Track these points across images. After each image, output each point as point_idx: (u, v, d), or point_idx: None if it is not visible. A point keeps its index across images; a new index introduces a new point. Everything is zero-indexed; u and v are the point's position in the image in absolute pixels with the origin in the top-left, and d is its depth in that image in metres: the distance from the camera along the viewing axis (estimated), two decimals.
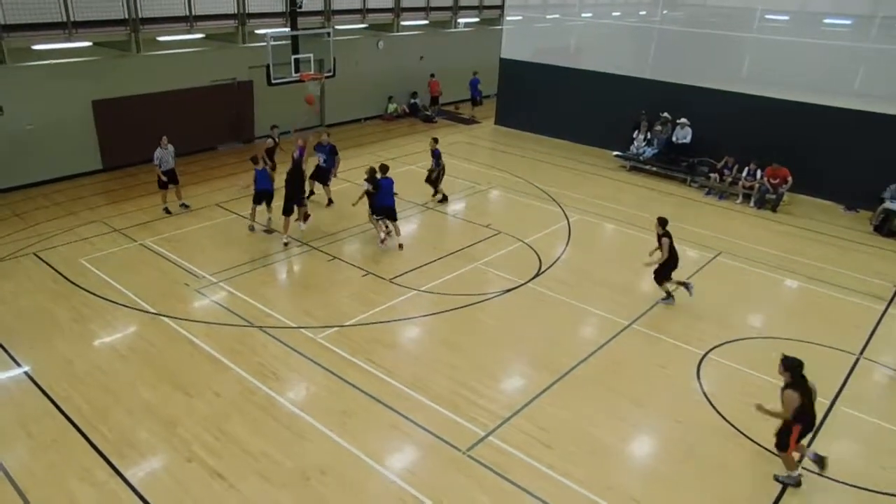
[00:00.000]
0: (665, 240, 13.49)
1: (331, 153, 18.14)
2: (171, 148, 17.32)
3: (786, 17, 23.23)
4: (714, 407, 10.87)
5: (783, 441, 9.10)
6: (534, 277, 15.00)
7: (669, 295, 14.05)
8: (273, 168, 18.22)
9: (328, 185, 18.54)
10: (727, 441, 10.14)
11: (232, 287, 14.07)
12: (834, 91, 20.74)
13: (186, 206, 18.24)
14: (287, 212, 16.04)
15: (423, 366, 11.66)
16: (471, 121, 30.27)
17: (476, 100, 31.42)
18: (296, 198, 16.16)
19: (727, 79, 22.46)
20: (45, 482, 8.82)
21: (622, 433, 10.28)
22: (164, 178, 17.36)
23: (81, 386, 10.80)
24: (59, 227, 16.76)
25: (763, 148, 20.42)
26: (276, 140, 19.04)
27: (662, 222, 13.61)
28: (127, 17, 19.18)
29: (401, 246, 16.04)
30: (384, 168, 15.90)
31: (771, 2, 22.84)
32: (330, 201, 18.65)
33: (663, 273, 13.84)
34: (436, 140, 18.99)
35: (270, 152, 18.65)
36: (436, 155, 18.83)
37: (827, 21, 23.17)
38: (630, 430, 10.40)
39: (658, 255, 13.65)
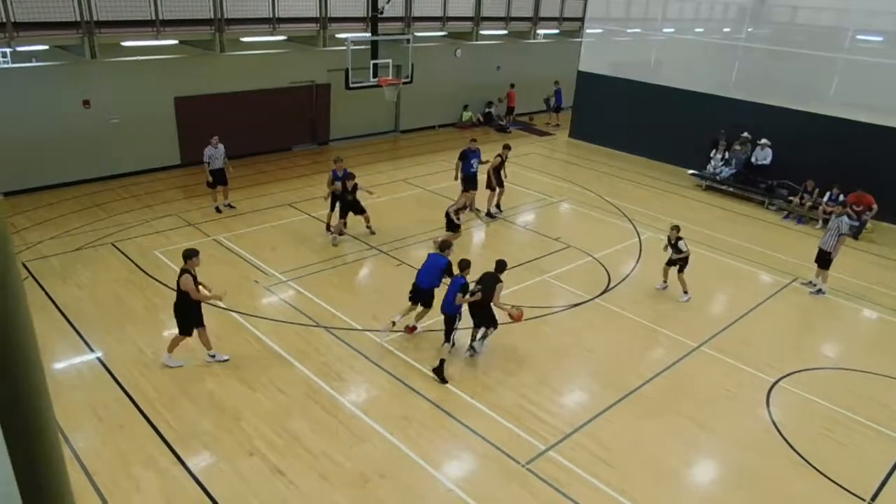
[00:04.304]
0: None
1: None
2: (221, 147, 17.39)
3: (880, 38, 22.42)
4: (783, 436, 10.50)
5: None
6: (602, 293, 14.77)
7: None
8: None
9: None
10: (794, 472, 9.79)
11: (300, 286, 14.21)
12: None
13: (232, 207, 18.33)
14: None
15: (486, 375, 11.56)
16: (545, 132, 30.12)
17: (558, 107, 31.29)
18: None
19: (813, 100, 21.69)
20: (112, 466, 9.02)
21: (685, 456, 10.03)
22: (210, 179, 17.48)
23: (150, 374, 11.03)
24: (137, 219, 17.21)
25: (848, 173, 19.63)
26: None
27: None
28: (213, 17, 19.62)
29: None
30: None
31: (864, 21, 22.09)
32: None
33: None
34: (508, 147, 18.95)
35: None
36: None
37: None
38: (693, 453, 10.15)
39: None
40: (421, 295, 12.45)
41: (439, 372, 11.31)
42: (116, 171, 20.18)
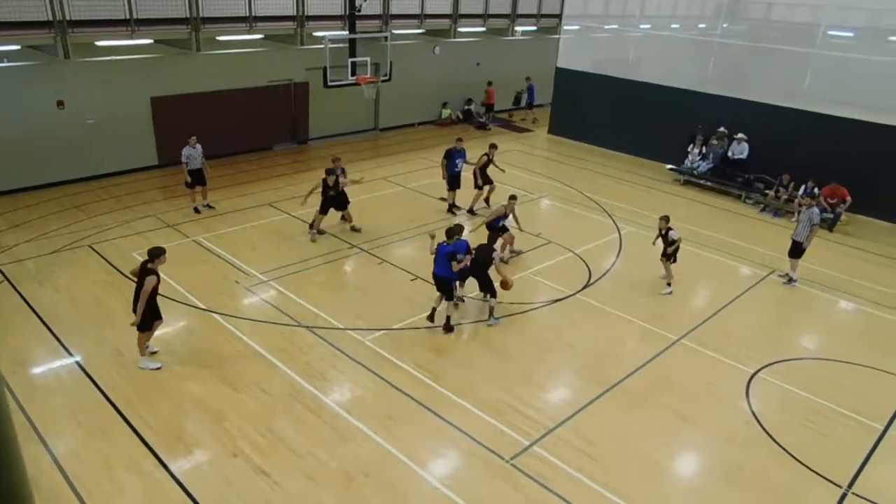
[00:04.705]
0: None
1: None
2: (199, 148, 17.26)
3: (850, 34, 22.63)
4: (763, 427, 10.61)
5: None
6: (583, 288, 14.83)
7: None
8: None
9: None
10: (775, 462, 9.87)
11: (282, 286, 14.15)
12: None
13: (211, 207, 18.21)
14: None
15: (469, 372, 11.58)
16: (524, 129, 30.21)
17: (531, 104, 31.45)
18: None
19: (788, 95, 21.95)
20: (94, 470, 8.93)
21: (668, 449, 10.10)
22: (188, 179, 17.37)
23: (130, 376, 10.94)
24: (115, 221, 17.04)
25: (822, 166, 19.84)
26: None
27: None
28: (188, 15, 19.46)
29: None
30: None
31: (836, 17, 22.29)
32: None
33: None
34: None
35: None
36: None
37: (893, 39, 22.49)
38: (676, 446, 10.22)
39: None
40: (440, 285, 12.90)
41: (447, 327, 12.75)
42: (94, 172, 19.98)
